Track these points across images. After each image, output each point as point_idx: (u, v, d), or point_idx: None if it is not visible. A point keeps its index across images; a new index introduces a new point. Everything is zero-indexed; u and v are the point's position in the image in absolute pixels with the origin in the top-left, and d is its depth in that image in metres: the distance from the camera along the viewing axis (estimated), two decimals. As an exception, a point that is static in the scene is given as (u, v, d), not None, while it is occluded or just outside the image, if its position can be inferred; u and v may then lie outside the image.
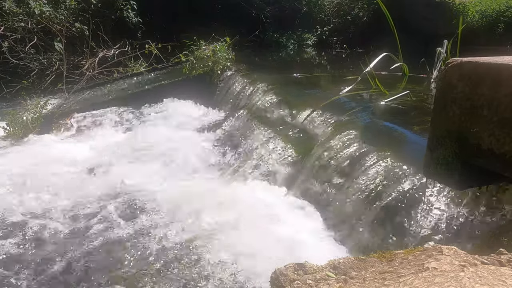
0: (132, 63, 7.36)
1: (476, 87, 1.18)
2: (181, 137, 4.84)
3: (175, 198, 3.35)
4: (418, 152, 2.43)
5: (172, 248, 2.66)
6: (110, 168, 4.04)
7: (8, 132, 4.84)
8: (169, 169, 4.04)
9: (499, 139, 1.13)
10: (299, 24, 12.09)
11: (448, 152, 1.30)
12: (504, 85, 1.10)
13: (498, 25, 9.04)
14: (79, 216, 3.19)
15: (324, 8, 12.32)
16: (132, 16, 8.35)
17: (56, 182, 3.69)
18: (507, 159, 1.11)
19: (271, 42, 11.34)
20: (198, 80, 6.47)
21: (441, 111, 1.31)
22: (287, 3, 11.70)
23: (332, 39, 11.85)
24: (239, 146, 4.27)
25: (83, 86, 6.36)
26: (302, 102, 4.51)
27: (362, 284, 0.98)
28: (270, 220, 2.90)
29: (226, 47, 6.71)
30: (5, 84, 6.16)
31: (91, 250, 2.71)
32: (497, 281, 0.87)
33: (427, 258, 1.01)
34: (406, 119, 3.65)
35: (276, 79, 5.83)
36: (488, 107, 1.15)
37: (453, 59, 1.27)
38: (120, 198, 3.43)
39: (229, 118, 5.01)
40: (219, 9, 10.97)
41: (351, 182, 2.82)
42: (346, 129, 3.38)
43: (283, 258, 2.20)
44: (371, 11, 10.93)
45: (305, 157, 3.55)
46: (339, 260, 1.12)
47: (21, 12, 6.54)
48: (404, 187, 2.44)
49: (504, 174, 1.16)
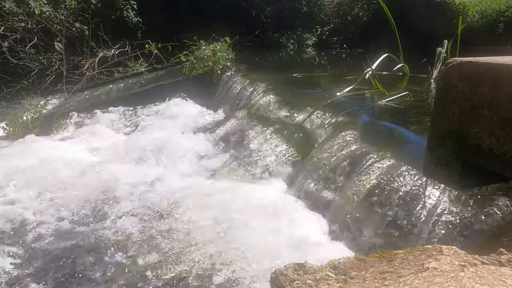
0: (132, 63, 7.37)
1: (476, 87, 1.18)
2: (181, 137, 4.84)
3: (174, 198, 3.35)
4: (418, 152, 2.43)
5: (176, 246, 2.67)
6: (110, 168, 4.04)
7: (8, 132, 4.85)
8: (169, 169, 4.03)
9: (499, 139, 1.13)
10: (299, 24, 12.09)
11: (448, 152, 1.30)
12: (504, 85, 1.09)
13: (498, 25, 9.04)
14: (76, 215, 3.19)
15: (324, 8, 12.32)
16: (132, 16, 8.36)
17: (56, 182, 3.69)
18: (507, 159, 1.11)
19: (271, 42, 11.35)
20: (198, 80, 6.47)
21: (441, 111, 1.31)
22: (287, 3, 11.71)
23: (332, 39, 11.85)
24: (239, 146, 4.27)
25: (83, 86, 6.37)
26: (302, 102, 4.51)
27: (362, 284, 0.98)
28: (270, 220, 2.90)
29: (226, 47, 6.72)
30: (5, 84, 6.16)
31: (82, 252, 2.71)
32: (497, 281, 0.87)
33: (427, 258, 1.01)
34: (406, 119, 3.65)
35: (276, 79, 5.83)
36: (488, 107, 1.15)
37: (453, 59, 1.27)
38: (119, 198, 3.43)
39: (229, 118, 5.01)
40: (219, 9, 10.98)
41: (350, 182, 2.82)
42: (346, 129, 3.38)
43: (282, 257, 2.20)
44: (371, 11, 10.93)
45: (305, 156, 3.55)
46: (339, 260, 1.12)
47: (21, 12, 6.55)
48: (404, 187, 2.44)
49: (504, 174, 1.16)
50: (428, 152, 1.39)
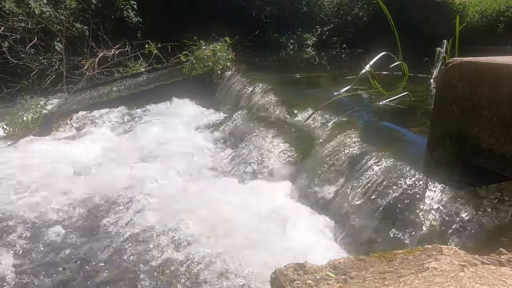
0: (132, 63, 7.37)
1: (476, 87, 1.18)
2: (181, 137, 4.84)
3: (174, 198, 3.35)
4: (418, 152, 2.43)
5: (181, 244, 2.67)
6: (109, 168, 4.04)
7: (8, 132, 4.84)
8: (169, 169, 4.03)
9: (499, 139, 1.13)
10: (299, 24, 12.10)
11: (448, 152, 1.30)
12: (504, 85, 1.10)
13: (498, 25, 9.04)
14: (76, 215, 3.19)
15: (324, 8, 12.33)
16: (132, 16, 8.36)
17: (55, 182, 3.69)
18: (507, 159, 1.11)
19: (271, 42, 11.35)
20: (198, 80, 6.47)
21: (441, 111, 1.31)
22: (287, 3, 11.71)
23: (332, 39, 11.85)
24: (239, 146, 4.27)
25: (83, 86, 6.37)
26: (302, 102, 4.51)
27: (362, 284, 0.98)
28: (269, 220, 2.90)
29: (226, 47, 6.72)
30: (5, 84, 6.16)
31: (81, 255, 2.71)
32: (497, 281, 0.87)
33: (427, 258, 1.01)
34: (406, 119, 3.65)
35: (276, 79, 5.83)
36: (488, 107, 1.15)
37: (453, 59, 1.27)
38: (118, 198, 3.43)
39: (229, 118, 5.01)
40: (219, 9, 10.98)
41: (351, 182, 2.82)
42: (346, 129, 3.38)
43: (283, 256, 2.20)
44: (371, 11, 10.94)
45: (305, 156, 3.55)
46: (339, 260, 1.12)
47: (21, 12, 6.55)
48: (404, 187, 2.43)
49: (504, 174, 1.16)
50: (428, 152, 1.39)
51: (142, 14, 8.69)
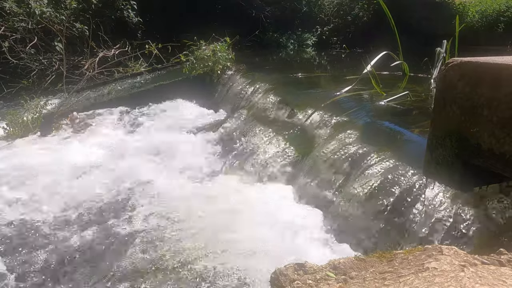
0: (132, 63, 7.37)
1: (476, 87, 1.18)
2: (181, 138, 4.84)
3: (174, 198, 3.35)
4: (418, 152, 2.43)
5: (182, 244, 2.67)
6: (109, 168, 4.04)
7: (8, 132, 4.84)
8: (169, 169, 4.03)
9: (499, 139, 1.13)
10: (299, 24, 12.09)
11: (448, 152, 1.30)
12: (504, 85, 1.10)
13: (498, 25, 9.04)
14: (72, 216, 3.19)
15: (324, 8, 12.32)
16: (132, 16, 8.36)
17: (55, 182, 3.69)
18: (507, 159, 1.11)
19: (271, 42, 11.34)
20: (198, 80, 6.47)
21: (441, 111, 1.31)
22: (287, 3, 11.71)
23: (332, 39, 11.85)
24: (239, 146, 4.27)
25: (83, 86, 6.37)
26: (302, 102, 4.51)
27: (362, 284, 0.98)
28: (269, 219, 2.90)
29: (226, 47, 6.71)
30: (5, 84, 6.16)
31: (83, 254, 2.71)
32: (497, 281, 0.87)
33: (427, 258, 1.01)
34: (406, 119, 3.65)
35: (276, 79, 5.83)
36: (488, 107, 1.15)
37: (453, 59, 1.27)
38: (118, 198, 3.43)
39: (229, 118, 5.00)
40: (219, 9, 10.98)
41: (351, 182, 2.82)
42: (346, 129, 3.38)
43: (283, 256, 2.20)
44: (371, 11, 10.94)
45: (306, 156, 3.55)
46: (339, 260, 1.12)
47: (22, 12, 6.55)
48: (404, 187, 2.43)
49: (504, 174, 1.16)
50: (428, 152, 1.39)
51: (142, 14, 8.69)
